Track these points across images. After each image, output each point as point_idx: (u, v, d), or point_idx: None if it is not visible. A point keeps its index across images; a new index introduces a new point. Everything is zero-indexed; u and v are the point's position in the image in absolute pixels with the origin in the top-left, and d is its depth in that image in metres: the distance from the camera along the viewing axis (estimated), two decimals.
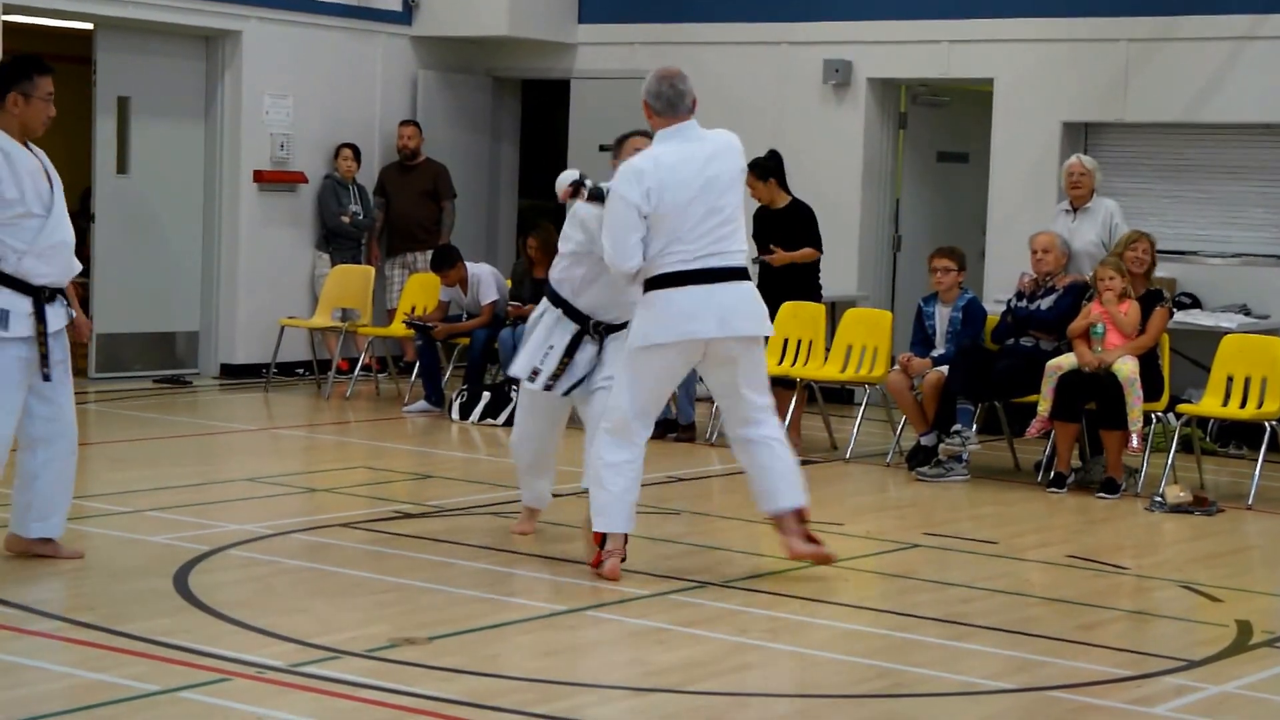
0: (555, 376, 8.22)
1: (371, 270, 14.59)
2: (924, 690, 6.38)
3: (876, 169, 14.54)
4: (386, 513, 9.20)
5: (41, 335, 7.41)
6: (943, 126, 14.93)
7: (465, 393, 12.94)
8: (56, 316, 7.51)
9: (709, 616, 7.27)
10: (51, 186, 7.48)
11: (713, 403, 12.47)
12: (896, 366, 11.52)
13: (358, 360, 14.32)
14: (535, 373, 8.24)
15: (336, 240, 15.02)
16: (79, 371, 12.76)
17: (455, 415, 12.85)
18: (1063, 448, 10.82)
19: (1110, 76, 13.38)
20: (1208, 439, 12.26)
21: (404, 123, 15.35)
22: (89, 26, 14.14)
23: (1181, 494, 10.20)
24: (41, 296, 7.43)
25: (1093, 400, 10.70)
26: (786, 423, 12.02)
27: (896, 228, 14.80)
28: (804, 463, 11.52)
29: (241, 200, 14.67)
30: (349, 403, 13.77)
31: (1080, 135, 13.67)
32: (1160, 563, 8.99)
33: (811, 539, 8.05)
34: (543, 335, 8.26)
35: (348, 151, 15.00)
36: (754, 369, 7.86)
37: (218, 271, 14.76)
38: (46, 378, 7.47)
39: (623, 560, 7.86)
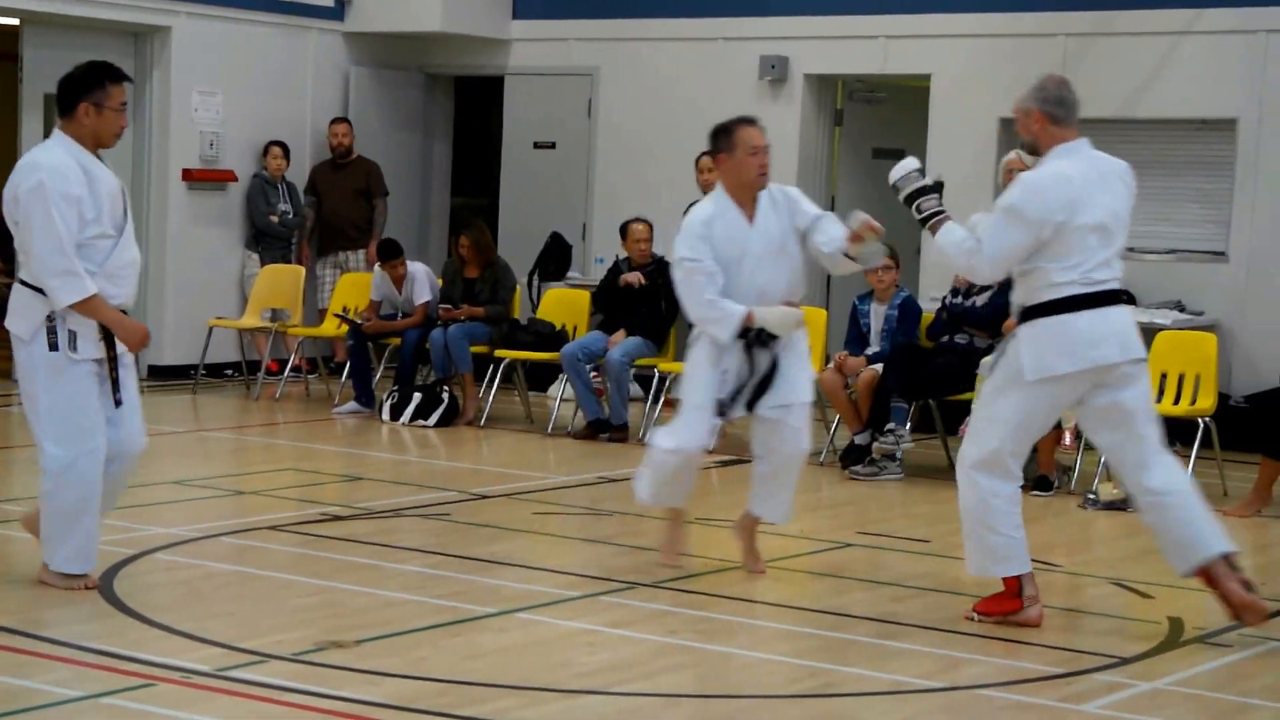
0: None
1: (302, 270, 14.48)
2: (855, 690, 6.35)
3: (813, 165, 14.51)
4: (315, 515, 9.11)
5: (111, 360, 7.13)
6: (879, 123, 14.90)
7: (396, 394, 12.83)
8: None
9: (639, 618, 7.23)
10: (124, 205, 7.18)
11: (646, 402, 12.53)
12: (831, 365, 11.48)
13: (287, 361, 14.17)
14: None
15: (266, 239, 14.87)
16: (3, 374, 12.63)
17: (386, 416, 12.73)
18: None
19: (1047, 72, 13.33)
20: None
21: (335, 120, 15.22)
22: (15, 22, 13.96)
23: (1115, 491, 10.19)
24: None
25: None
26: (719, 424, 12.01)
27: None
28: (735, 462, 11.58)
29: (170, 199, 14.52)
30: (278, 404, 13.65)
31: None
32: (1093, 560, 9.01)
33: (1248, 584, 7.19)
34: None
35: (277, 150, 14.85)
36: (1148, 397, 7.24)
37: (145, 271, 14.50)
38: (119, 403, 7.21)
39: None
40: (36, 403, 7.07)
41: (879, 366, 11.19)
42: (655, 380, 12.35)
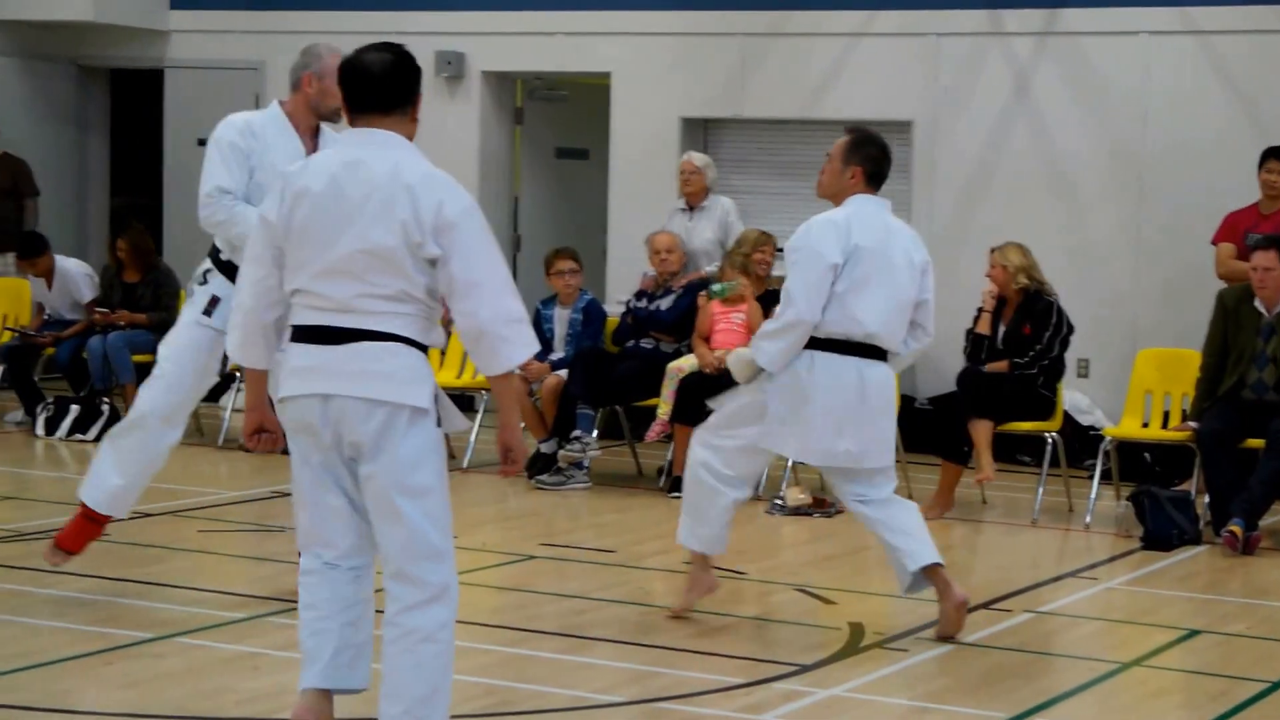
0: None
1: None
2: (532, 707, 6.21)
3: (494, 166, 14.27)
4: None
5: None
6: (561, 122, 14.74)
7: (52, 406, 12.22)
8: None
9: None
10: None
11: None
12: (515, 371, 11.23)
13: None
14: None
15: None
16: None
17: (41, 430, 12.09)
18: (683, 452, 10.65)
19: (727, 72, 13.36)
20: None
21: None
22: None
23: (801, 496, 10.25)
24: None
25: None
26: None
27: (516, 227, 14.55)
28: None
29: None
30: None
31: (700, 131, 13.61)
32: (778, 566, 8.99)
33: None
34: None
35: None
36: None
37: None
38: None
39: None
40: (429, 501, 5.24)
41: (564, 372, 11.00)
42: None
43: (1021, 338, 10.32)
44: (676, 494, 10.50)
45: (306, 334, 5.18)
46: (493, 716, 6.06)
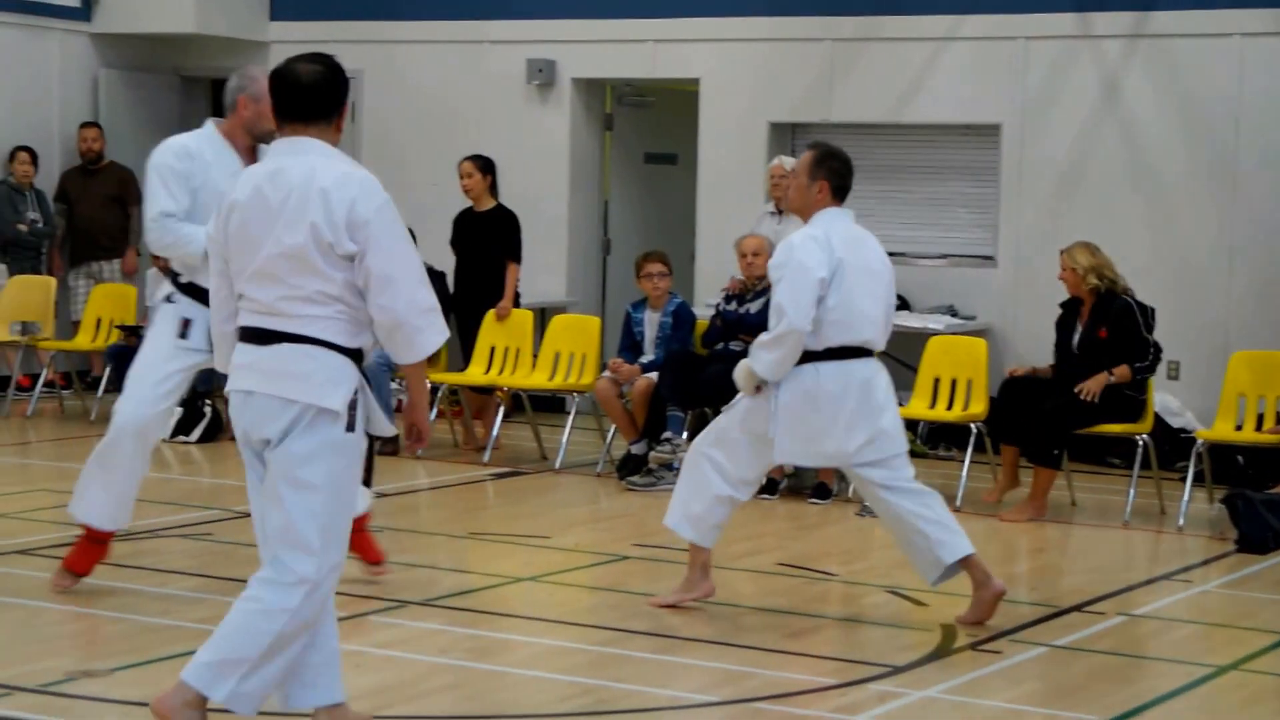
0: None
1: (53, 281, 13.99)
2: (628, 706, 6.26)
3: (584, 171, 14.38)
4: (69, 538, 8.69)
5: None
6: (650, 127, 14.83)
7: None
8: None
9: (408, 637, 7.08)
10: None
11: None
12: (606, 373, 11.35)
13: (40, 376, 13.64)
14: None
15: (14, 250, 14.30)
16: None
17: None
18: None
19: (815, 77, 13.41)
20: (918, 441, 12.31)
21: (85, 124, 14.72)
22: None
23: None
24: None
25: None
26: (494, 435, 11.82)
27: (606, 231, 14.65)
28: (513, 474, 11.39)
29: None
30: (30, 421, 13.11)
31: (787, 136, 13.67)
32: (869, 568, 9.00)
33: None
34: None
35: (24, 155, 14.30)
36: None
37: None
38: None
39: None
40: (313, 498, 5.30)
41: (654, 375, 11.08)
42: None
43: (1098, 342, 10.25)
44: (767, 496, 10.59)
45: (244, 335, 5.40)
46: (591, 715, 6.12)
